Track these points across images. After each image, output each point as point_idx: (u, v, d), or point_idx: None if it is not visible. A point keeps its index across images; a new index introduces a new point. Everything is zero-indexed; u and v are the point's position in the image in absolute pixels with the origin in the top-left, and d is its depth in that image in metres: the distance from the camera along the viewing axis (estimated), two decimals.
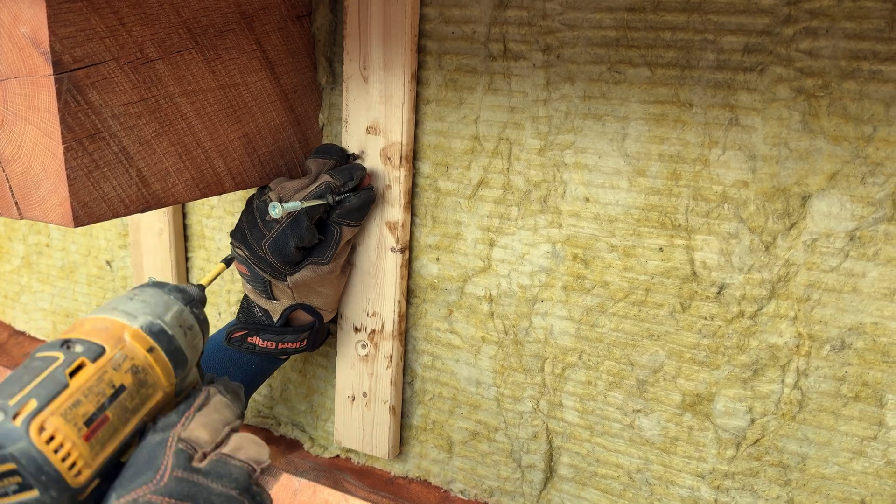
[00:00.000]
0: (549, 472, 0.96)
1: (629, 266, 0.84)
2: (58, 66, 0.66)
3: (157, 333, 0.57)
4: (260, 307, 0.95)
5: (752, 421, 0.81)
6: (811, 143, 0.72)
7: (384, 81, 0.90)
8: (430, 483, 1.05)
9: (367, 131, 0.93)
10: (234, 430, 0.57)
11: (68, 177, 0.69)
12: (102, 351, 0.53)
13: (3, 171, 0.72)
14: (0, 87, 0.69)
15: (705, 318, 0.81)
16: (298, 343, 0.96)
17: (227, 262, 0.87)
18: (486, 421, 0.99)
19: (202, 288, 0.68)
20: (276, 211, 0.81)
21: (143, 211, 0.77)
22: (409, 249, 0.97)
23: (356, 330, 1.00)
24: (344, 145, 0.95)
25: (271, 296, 0.93)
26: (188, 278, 1.23)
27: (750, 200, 0.76)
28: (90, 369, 0.52)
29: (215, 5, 0.81)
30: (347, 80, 0.93)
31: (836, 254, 0.73)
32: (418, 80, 0.91)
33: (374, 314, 0.98)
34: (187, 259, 1.22)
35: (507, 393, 0.96)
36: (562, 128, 0.84)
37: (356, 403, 1.03)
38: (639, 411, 0.88)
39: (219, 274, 0.82)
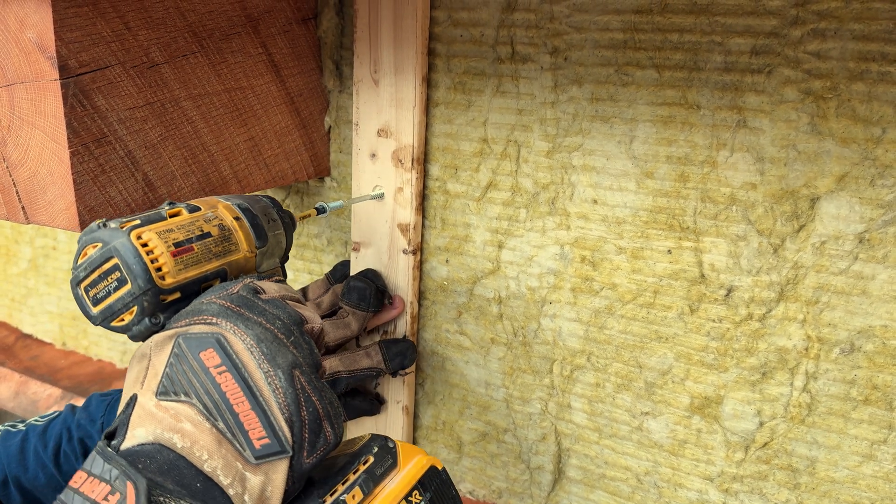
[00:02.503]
0: (558, 473, 0.96)
1: (637, 268, 0.84)
2: (64, 70, 0.66)
3: (244, 210, 0.69)
4: None
5: (761, 424, 0.81)
6: (819, 144, 0.72)
7: (395, 84, 0.90)
8: None
9: (378, 134, 0.92)
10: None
11: (74, 181, 0.69)
12: (198, 209, 0.66)
13: (10, 175, 0.72)
14: (6, 91, 0.69)
15: (713, 321, 0.81)
16: None
17: (319, 209, 0.86)
18: (495, 422, 0.98)
19: (294, 220, 0.78)
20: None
21: None
22: (420, 251, 0.97)
23: (370, 331, 1.00)
24: (355, 148, 0.95)
25: None
26: None
27: (758, 202, 0.76)
28: (185, 215, 0.64)
29: (221, 9, 0.80)
30: (358, 83, 0.93)
31: (845, 256, 0.73)
32: (427, 82, 0.91)
33: None
34: None
35: (516, 394, 0.96)
36: (570, 130, 0.84)
37: None
38: (647, 414, 0.87)
39: (308, 216, 0.84)
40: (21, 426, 0.99)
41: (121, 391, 0.98)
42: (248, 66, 0.86)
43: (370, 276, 0.92)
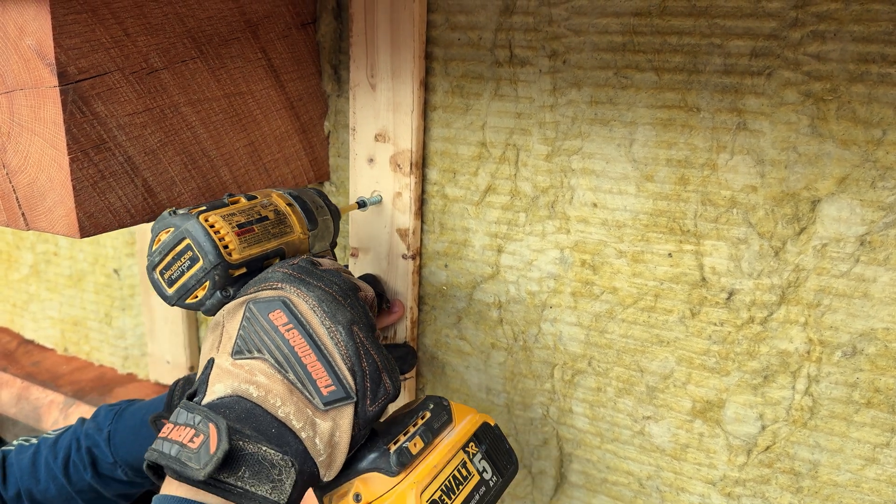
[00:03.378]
0: (560, 478, 0.96)
1: (638, 272, 0.83)
2: (63, 77, 0.66)
3: (295, 197, 0.76)
4: None
5: (763, 427, 0.80)
6: (820, 147, 0.72)
7: (392, 89, 0.90)
8: None
9: (376, 139, 0.92)
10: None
11: (74, 188, 0.69)
12: (255, 197, 0.73)
13: (10, 182, 0.72)
14: (6, 98, 0.69)
15: (715, 324, 0.80)
16: None
17: (360, 203, 0.92)
18: None
19: (338, 210, 0.83)
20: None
21: (149, 221, 0.77)
22: (419, 256, 0.97)
23: None
24: (352, 153, 0.95)
25: None
26: None
27: (759, 205, 0.76)
28: (244, 202, 0.71)
29: (220, 14, 0.80)
30: (354, 87, 0.93)
31: (847, 259, 0.73)
32: (425, 86, 0.91)
33: None
34: None
35: (517, 399, 0.95)
36: (569, 133, 0.84)
37: None
38: (649, 418, 0.87)
39: (350, 209, 0.90)
40: (34, 440, 1.02)
41: (128, 401, 1.01)
42: (248, 71, 0.86)
43: (368, 280, 0.92)
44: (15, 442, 1.03)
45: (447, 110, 0.91)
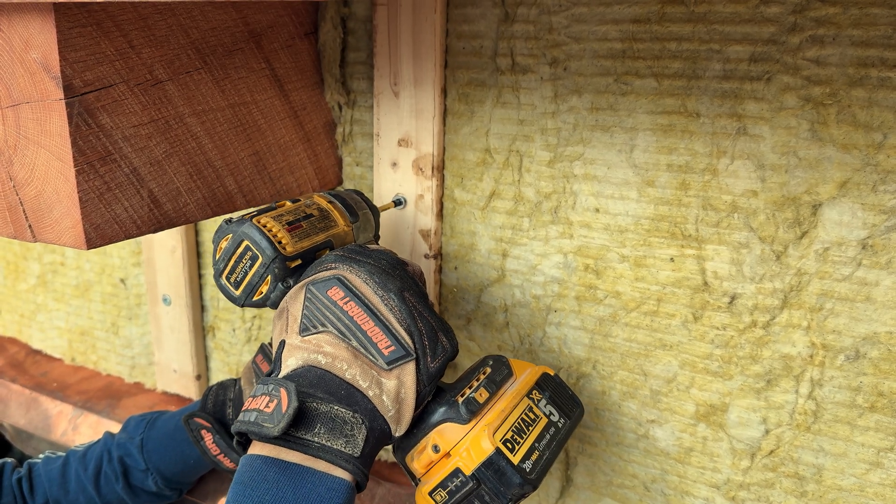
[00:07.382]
0: (566, 481, 0.96)
1: (640, 276, 0.84)
2: (69, 90, 0.66)
3: (334, 195, 0.83)
4: None
5: (767, 431, 0.81)
6: (820, 151, 0.72)
7: (415, 96, 0.92)
8: None
9: (399, 144, 0.94)
10: None
11: (80, 200, 0.69)
12: (298, 200, 0.80)
13: (17, 194, 0.73)
14: (12, 111, 0.70)
15: (717, 329, 0.81)
16: None
17: (396, 202, 0.96)
18: None
19: (376, 207, 0.88)
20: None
21: (155, 231, 0.77)
22: (439, 256, 0.98)
23: None
24: (376, 158, 0.97)
25: None
26: (201, 295, 1.23)
27: (760, 210, 0.76)
28: (289, 205, 0.78)
29: (224, 25, 0.81)
30: (378, 95, 0.94)
31: (849, 262, 0.73)
32: (444, 93, 0.92)
33: None
34: (200, 276, 1.22)
35: None
36: (570, 139, 0.84)
37: None
38: (653, 421, 0.87)
39: (387, 208, 0.94)
40: (61, 453, 1.04)
41: (158, 412, 1.07)
42: (252, 82, 0.86)
43: None
44: (41, 455, 1.05)
45: (455, 117, 0.91)
